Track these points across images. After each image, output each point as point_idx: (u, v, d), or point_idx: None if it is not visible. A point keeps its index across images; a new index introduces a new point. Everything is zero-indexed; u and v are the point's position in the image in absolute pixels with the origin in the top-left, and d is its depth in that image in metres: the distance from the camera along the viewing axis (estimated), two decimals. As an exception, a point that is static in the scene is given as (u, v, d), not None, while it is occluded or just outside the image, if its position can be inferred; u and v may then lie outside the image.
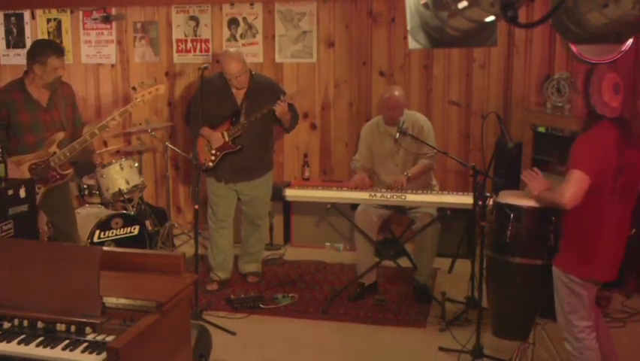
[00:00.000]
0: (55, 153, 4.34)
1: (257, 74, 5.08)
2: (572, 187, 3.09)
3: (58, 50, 4.34)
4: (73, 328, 2.49)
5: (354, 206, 5.05)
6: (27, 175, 4.23)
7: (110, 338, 2.41)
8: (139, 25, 6.49)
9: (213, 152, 4.92)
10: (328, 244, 6.02)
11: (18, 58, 6.58)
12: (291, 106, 4.92)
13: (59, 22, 6.65)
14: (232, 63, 4.79)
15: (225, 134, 4.87)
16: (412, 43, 1.95)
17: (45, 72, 4.26)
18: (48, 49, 4.30)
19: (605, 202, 3.13)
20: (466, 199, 4.48)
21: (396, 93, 4.91)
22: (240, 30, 6.25)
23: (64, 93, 4.48)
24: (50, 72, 4.28)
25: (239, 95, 4.91)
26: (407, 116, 4.93)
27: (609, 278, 3.29)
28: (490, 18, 1.70)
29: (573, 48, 5.41)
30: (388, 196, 4.68)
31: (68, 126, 4.45)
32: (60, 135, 4.36)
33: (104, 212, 5.33)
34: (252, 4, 6.20)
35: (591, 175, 3.07)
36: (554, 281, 3.30)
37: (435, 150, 4.83)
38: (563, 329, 3.35)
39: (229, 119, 4.89)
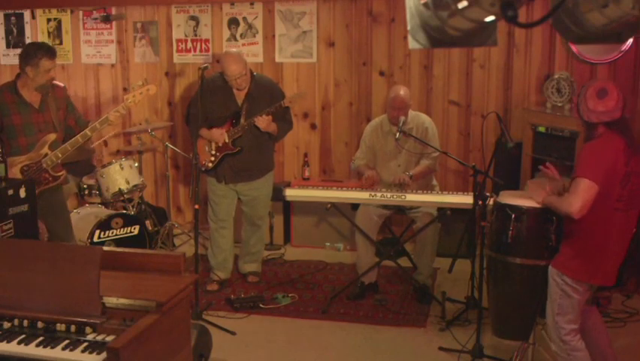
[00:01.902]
0: (46, 154, 4.33)
1: (258, 75, 5.07)
2: (581, 198, 3.09)
3: (50, 52, 4.33)
4: (73, 328, 2.49)
5: (354, 206, 5.05)
6: (19, 177, 4.21)
7: (110, 338, 2.41)
8: (139, 25, 6.48)
9: (213, 152, 4.92)
10: (328, 244, 6.02)
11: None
12: (285, 114, 4.91)
13: (59, 22, 6.65)
14: (232, 65, 4.78)
15: (226, 135, 4.87)
16: (412, 43, 1.94)
17: (37, 74, 4.26)
18: (40, 51, 4.29)
19: (612, 209, 3.15)
20: (466, 199, 4.48)
21: (402, 93, 4.90)
22: (240, 30, 6.25)
23: (56, 95, 4.46)
24: (43, 74, 4.27)
25: (240, 96, 4.90)
26: (412, 117, 4.92)
27: (606, 283, 3.30)
28: (490, 18, 1.70)
29: (573, 48, 5.41)
30: (388, 196, 4.68)
31: (60, 128, 4.45)
32: (52, 137, 4.34)
33: (104, 212, 5.33)
34: (252, 4, 6.20)
35: (599, 183, 3.09)
36: (549, 281, 3.32)
37: (436, 152, 4.82)
38: (550, 329, 3.37)
39: (229, 121, 4.89)
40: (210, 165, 4.94)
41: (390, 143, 4.95)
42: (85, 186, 5.75)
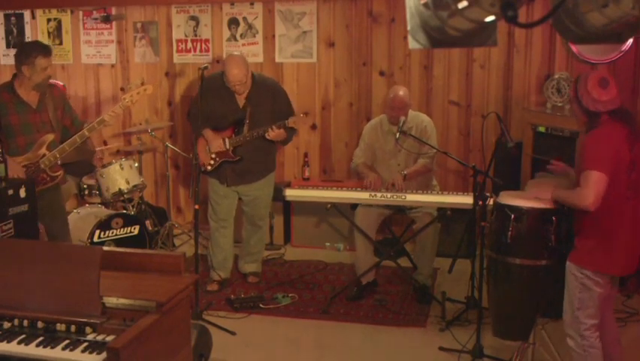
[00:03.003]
0: (44, 154, 4.33)
1: (259, 75, 5.04)
2: (594, 190, 3.11)
3: (45, 50, 4.33)
4: (73, 328, 2.49)
5: (354, 206, 5.05)
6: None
7: (110, 338, 2.41)
8: (139, 25, 6.48)
9: (213, 156, 4.91)
10: (328, 244, 6.02)
11: (18, 58, 6.58)
12: (291, 129, 4.86)
13: (59, 22, 6.65)
14: (234, 70, 4.74)
15: (227, 141, 4.86)
16: (412, 43, 1.94)
17: (34, 73, 4.26)
18: (35, 50, 4.30)
19: (624, 198, 3.17)
20: (466, 199, 4.48)
21: (401, 93, 4.90)
22: (240, 30, 6.25)
23: (54, 95, 4.47)
24: (39, 72, 4.27)
25: (240, 98, 4.89)
26: (411, 116, 4.93)
27: (626, 272, 3.30)
28: (490, 18, 1.70)
29: (573, 48, 5.42)
30: (388, 196, 4.68)
31: (58, 128, 4.45)
32: (50, 137, 4.34)
33: (104, 212, 5.33)
34: (252, 4, 6.20)
35: (608, 174, 3.11)
36: (567, 277, 3.31)
37: (434, 150, 4.83)
38: (567, 325, 3.36)
39: (232, 127, 4.87)
40: (209, 168, 4.93)
41: (389, 142, 4.95)
42: (85, 186, 5.74)
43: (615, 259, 3.23)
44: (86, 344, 2.42)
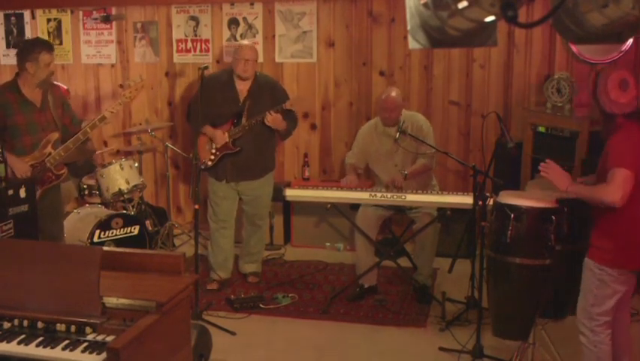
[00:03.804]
0: (50, 153, 4.35)
1: (260, 73, 5.12)
2: (622, 186, 3.09)
3: (48, 46, 4.37)
4: (73, 328, 2.50)
5: (354, 206, 5.05)
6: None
7: (110, 338, 2.41)
8: (139, 25, 6.48)
9: (213, 151, 4.93)
10: (328, 244, 6.02)
11: (18, 58, 6.58)
12: (289, 113, 4.91)
13: (59, 22, 6.65)
14: (246, 49, 4.92)
15: (226, 134, 4.88)
16: (412, 43, 1.94)
17: (38, 69, 4.28)
18: (38, 46, 4.33)
19: None
20: (466, 199, 4.48)
21: (393, 94, 4.91)
22: (240, 30, 6.25)
23: (54, 94, 4.50)
24: (43, 68, 4.29)
25: (242, 93, 4.91)
26: (406, 116, 4.93)
27: None
28: (490, 18, 1.70)
29: (573, 48, 5.41)
30: (388, 196, 4.68)
31: (60, 126, 4.47)
32: (55, 135, 4.38)
33: (104, 212, 5.33)
34: (252, 4, 6.20)
35: (636, 172, 3.10)
36: (584, 273, 3.29)
37: (433, 150, 4.83)
38: (579, 322, 3.34)
39: (231, 120, 4.90)
40: (210, 163, 4.95)
41: (386, 144, 4.96)
42: (85, 186, 5.74)
43: (635, 254, 3.21)
44: (85, 344, 2.43)
